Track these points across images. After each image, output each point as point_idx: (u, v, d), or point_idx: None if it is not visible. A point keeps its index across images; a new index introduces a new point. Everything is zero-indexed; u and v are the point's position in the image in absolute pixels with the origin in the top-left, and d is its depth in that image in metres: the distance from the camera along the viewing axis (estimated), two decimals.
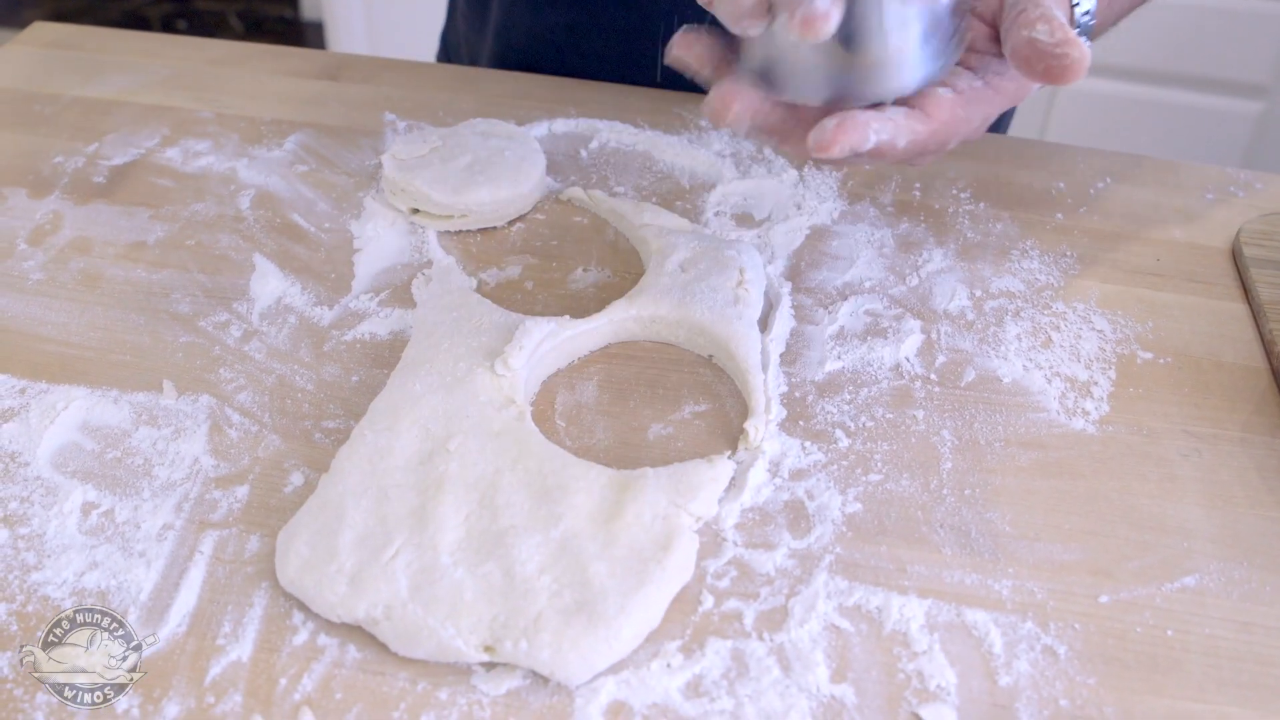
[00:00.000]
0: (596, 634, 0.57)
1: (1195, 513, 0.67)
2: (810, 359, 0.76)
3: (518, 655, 0.56)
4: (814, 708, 0.56)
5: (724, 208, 0.89)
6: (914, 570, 0.63)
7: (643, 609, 0.58)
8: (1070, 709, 0.57)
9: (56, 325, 0.76)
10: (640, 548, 0.60)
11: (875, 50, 0.61)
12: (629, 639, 0.57)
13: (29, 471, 0.66)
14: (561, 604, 0.58)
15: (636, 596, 0.58)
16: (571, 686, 0.56)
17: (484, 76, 1.04)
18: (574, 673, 0.56)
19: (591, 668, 0.56)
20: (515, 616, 0.57)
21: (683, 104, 0.98)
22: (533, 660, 0.56)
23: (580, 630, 0.57)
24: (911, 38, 0.61)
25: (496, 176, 0.84)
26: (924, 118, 0.65)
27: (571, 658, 0.56)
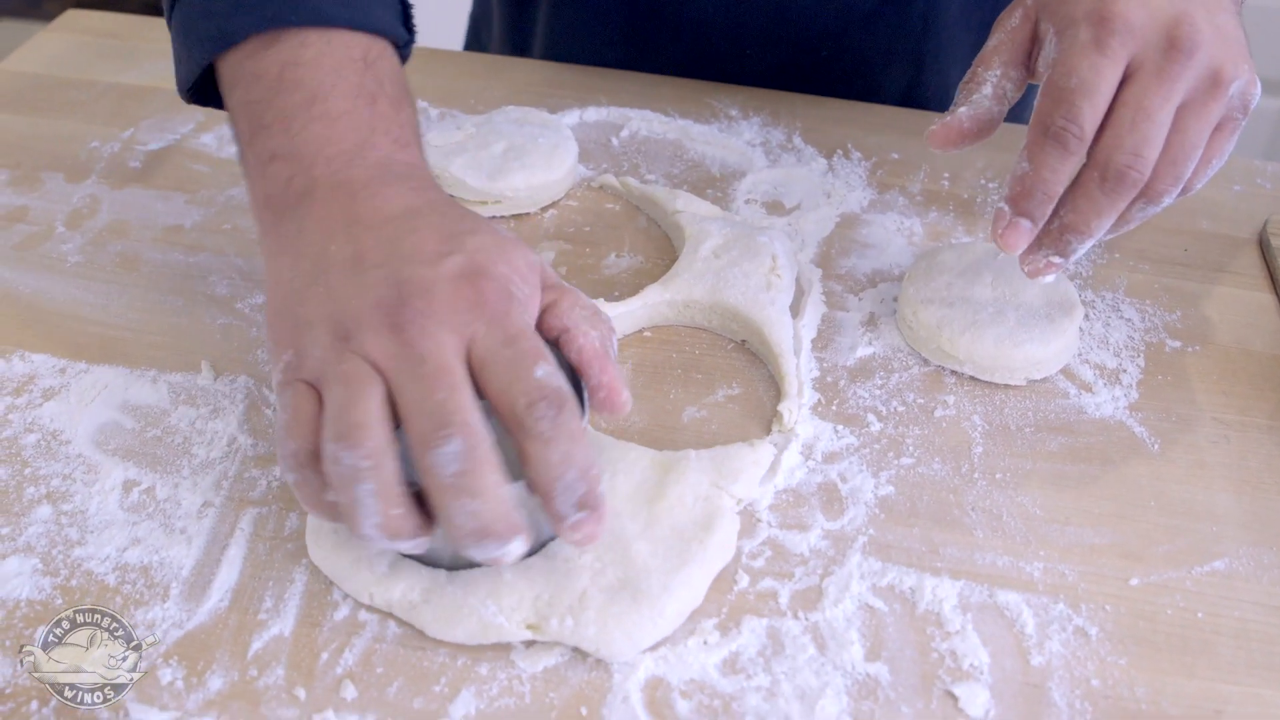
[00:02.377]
0: (641, 612, 0.57)
1: (1224, 498, 0.67)
2: (841, 344, 0.76)
3: (563, 633, 0.57)
4: (849, 685, 0.57)
5: (754, 196, 0.89)
6: (946, 552, 0.64)
7: (686, 587, 0.59)
8: (1102, 689, 0.57)
9: (95, 306, 0.77)
10: (682, 528, 0.61)
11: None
12: (673, 617, 0.58)
13: (70, 449, 0.67)
14: (605, 582, 0.58)
15: (679, 575, 0.59)
16: (616, 663, 0.57)
17: (516, 65, 1.05)
18: (619, 650, 0.57)
19: (636, 645, 0.57)
20: (559, 595, 0.58)
21: (713, 93, 0.99)
22: (578, 638, 0.57)
23: (625, 608, 0.57)
24: None
25: (530, 163, 0.85)
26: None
27: (616, 635, 0.57)
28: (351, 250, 0.58)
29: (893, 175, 0.92)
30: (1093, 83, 0.64)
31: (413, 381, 0.53)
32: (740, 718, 0.55)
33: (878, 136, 0.96)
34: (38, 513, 0.64)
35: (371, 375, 0.54)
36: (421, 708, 0.56)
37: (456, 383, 0.53)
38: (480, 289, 0.55)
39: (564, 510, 0.54)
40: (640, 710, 0.56)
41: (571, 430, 0.53)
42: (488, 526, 0.52)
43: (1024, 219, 0.66)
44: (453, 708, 0.56)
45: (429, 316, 0.54)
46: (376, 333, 0.54)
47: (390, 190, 0.60)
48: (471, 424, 0.52)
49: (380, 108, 0.64)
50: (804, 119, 0.97)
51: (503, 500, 0.52)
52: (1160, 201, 0.66)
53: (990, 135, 0.71)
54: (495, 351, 0.54)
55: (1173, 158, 0.65)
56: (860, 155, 0.93)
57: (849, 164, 0.92)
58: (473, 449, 0.52)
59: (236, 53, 0.64)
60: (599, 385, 0.57)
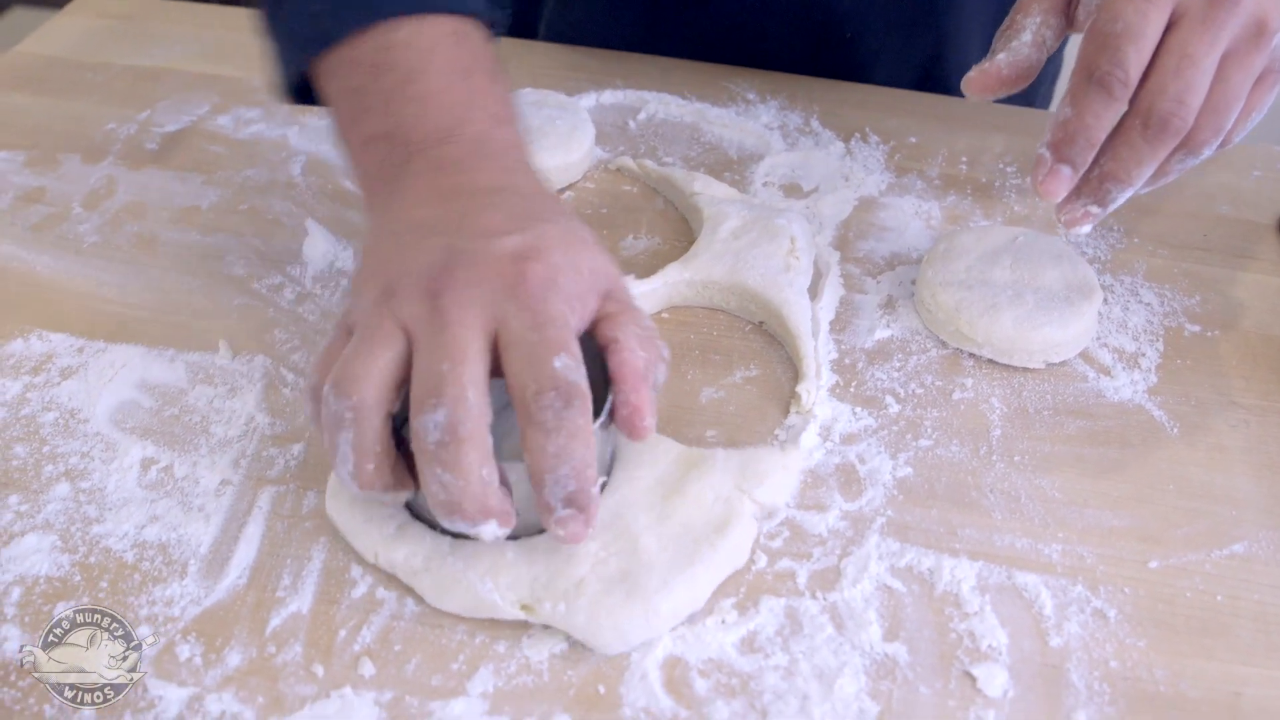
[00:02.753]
0: (634, 607, 0.56)
1: (1244, 482, 0.67)
2: (859, 327, 0.76)
3: (555, 617, 0.56)
4: (867, 665, 0.57)
5: (772, 178, 0.89)
6: (965, 533, 0.63)
7: (686, 588, 0.58)
8: (1120, 670, 0.57)
9: (113, 286, 0.77)
10: (694, 527, 0.60)
11: None
12: (667, 616, 0.57)
13: (89, 428, 0.67)
14: (605, 572, 0.58)
15: (682, 575, 0.58)
16: (604, 655, 0.57)
17: (532, 48, 1.05)
18: (607, 641, 0.56)
19: (625, 640, 0.56)
20: (556, 579, 0.57)
21: (730, 77, 0.99)
22: (568, 624, 0.56)
23: (619, 601, 0.56)
24: None
25: (548, 145, 0.85)
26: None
27: (605, 626, 0.56)
28: (428, 215, 0.59)
29: (911, 159, 0.92)
30: (1139, 28, 0.63)
31: (428, 347, 0.54)
32: (758, 696, 0.55)
33: (896, 120, 0.95)
34: (56, 490, 0.64)
35: (393, 333, 0.55)
36: (439, 685, 0.56)
37: (467, 356, 0.53)
38: (524, 270, 0.55)
39: (551, 502, 0.54)
40: (658, 689, 0.56)
41: (575, 426, 0.53)
42: (457, 502, 0.53)
43: (1065, 165, 0.66)
44: (470, 685, 0.56)
45: (466, 288, 0.55)
46: (414, 294, 0.55)
47: (481, 165, 0.61)
48: (465, 398, 0.52)
49: (476, 82, 0.64)
50: (821, 102, 0.97)
51: (477, 480, 0.53)
52: (1200, 153, 0.66)
53: (1027, 84, 0.71)
54: (521, 334, 0.54)
55: (1215, 106, 0.64)
56: (878, 139, 0.93)
57: (867, 147, 0.92)
58: (458, 423, 0.52)
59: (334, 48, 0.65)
60: (625, 403, 0.56)
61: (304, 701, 0.55)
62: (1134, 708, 0.56)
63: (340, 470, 0.55)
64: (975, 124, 0.96)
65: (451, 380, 0.52)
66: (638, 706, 0.55)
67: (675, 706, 0.55)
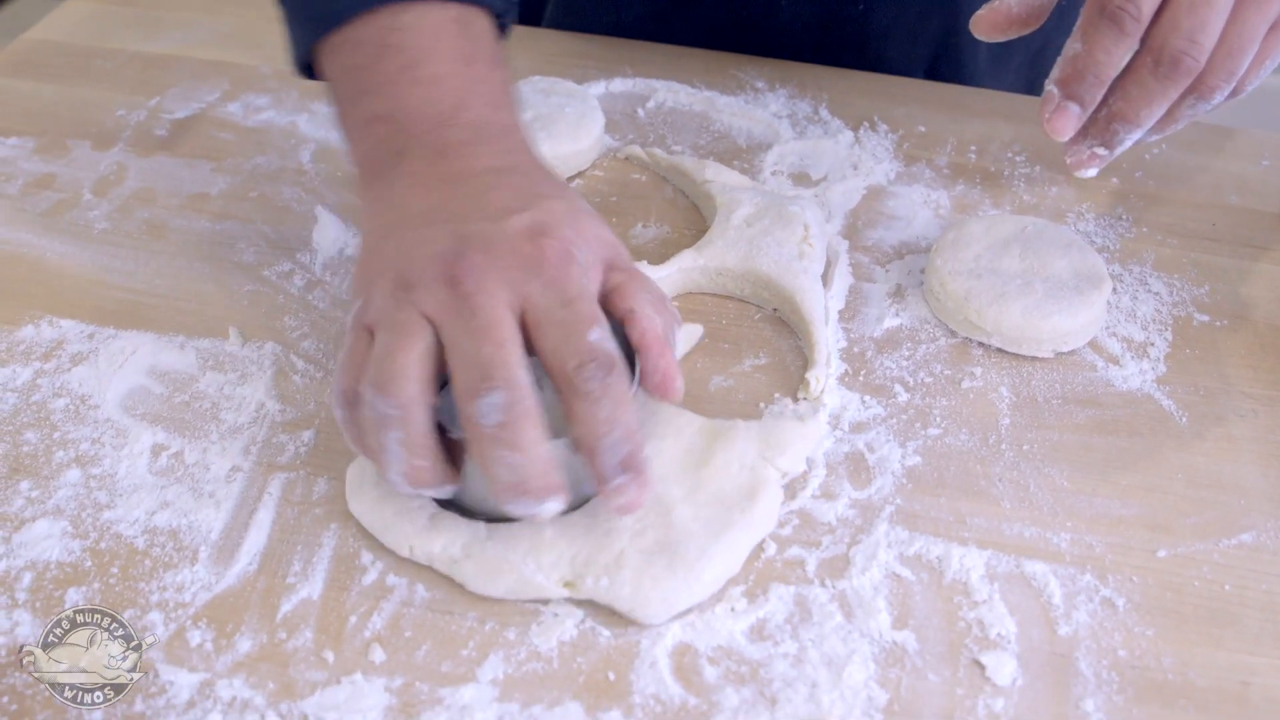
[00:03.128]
0: (677, 576, 0.57)
1: (1252, 471, 0.67)
2: (868, 315, 0.76)
3: (598, 591, 0.57)
4: (876, 653, 0.57)
5: (781, 167, 0.89)
6: (974, 522, 0.63)
7: (725, 554, 0.59)
8: (1129, 659, 0.57)
9: (123, 273, 0.77)
10: (725, 495, 0.61)
11: None
12: (709, 583, 0.58)
13: (99, 414, 0.68)
14: (644, 544, 0.58)
15: (719, 542, 0.59)
16: (649, 624, 0.57)
17: (542, 36, 1.05)
18: (653, 612, 0.57)
19: (670, 608, 0.57)
20: (597, 554, 0.58)
21: (739, 65, 0.99)
22: (613, 597, 0.57)
23: (662, 570, 0.57)
24: None
25: (557, 133, 0.85)
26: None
27: (652, 597, 0.57)
28: (430, 203, 0.59)
29: (919, 148, 0.92)
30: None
31: (463, 334, 0.54)
32: (767, 684, 0.56)
33: (904, 109, 0.95)
34: (67, 476, 0.64)
35: (420, 325, 0.55)
36: (449, 671, 0.56)
37: (505, 337, 0.54)
38: (541, 248, 0.56)
39: (607, 470, 0.54)
40: (668, 676, 0.56)
41: (619, 393, 0.54)
42: (525, 481, 0.53)
43: (1073, 103, 0.65)
44: (480, 672, 0.56)
45: (486, 270, 0.55)
46: (433, 283, 0.55)
47: (480, 149, 0.61)
48: (516, 378, 0.53)
49: (476, 70, 0.64)
50: (830, 91, 0.96)
51: (541, 457, 0.53)
52: (1212, 98, 0.65)
53: (1039, 24, 0.69)
54: (550, 311, 0.55)
55: (1229, 49, 0.63)
56: (887, 128, 0.93)
57: (876, 136, 0.92)
58: (515, 402, 0.53)
59: (340, 27, 0.65)
60: (655, 370, 0.57)
61: (314, 687, 0.55)
62: (1142, 696, 0.56)
63: (391, 472, 0.56)
64: (984, 113, 0.96)
65: (499, 362, 0.53)
66: (647, 694, 0.55)
67: (685, 694, 0.55)
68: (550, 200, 0.59)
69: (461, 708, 0.54)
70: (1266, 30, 0.64)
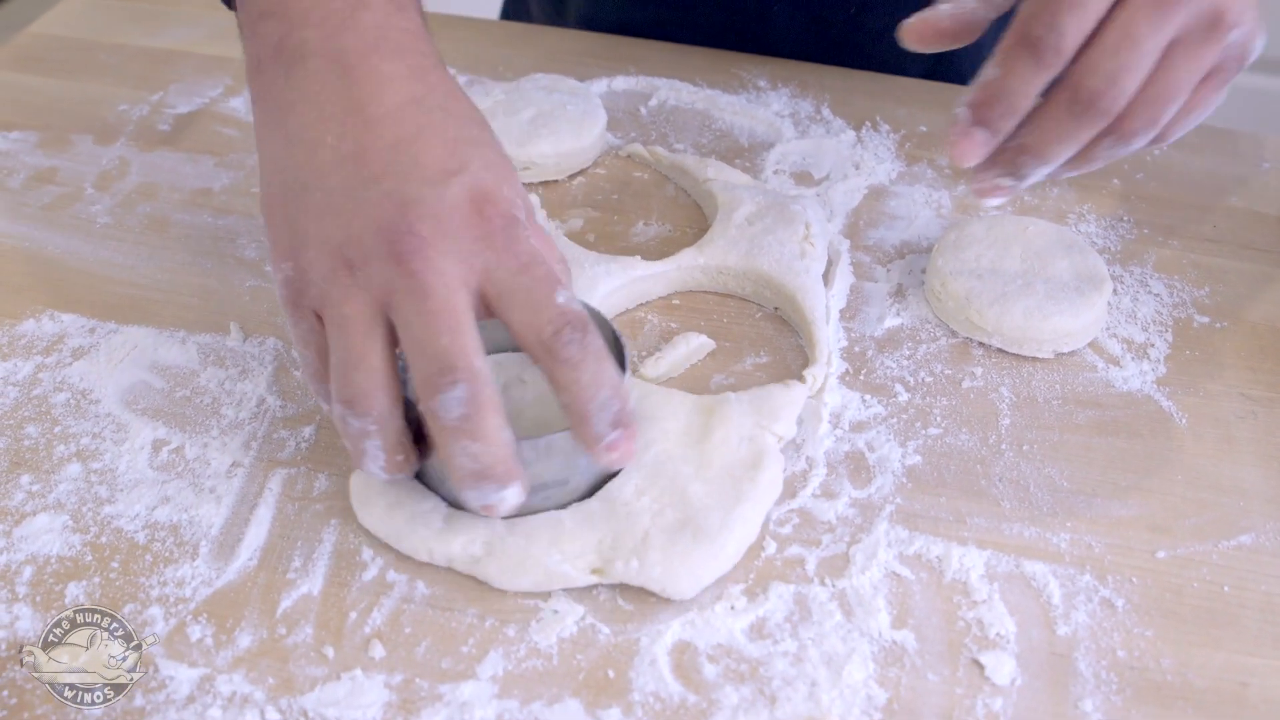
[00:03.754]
0: (703, 549, 0.58)
1: (1252, 473, 0.67)
2: (869, 315, 0.76)
3: (628, 574, 0.58)
4: (875, 652, 0.57)
5: (783, 166, 0.89)
6: (973, 522, 0.64)
7: (743, 524, 0.60)
8: (1128, 660, 0.58)
9: (125, 267, 0.78)
10: (731, 467, 0.62)
11: None
12: (733, 553, 0.60)
13: (100, 408, 0.68)
14: (665, 523, 0.59)
15: (736, 512, 0.60)
16: (682, 599, 0.58)
17: (544, 34, 1.05)
18: (684, 587, 0.58)
19: (699, 581, 0.58)
20: (623, 537, 0.59)
21: (741, 64, 0.99)
22: (644, 578, 0.58)
23: (687, 546, 0.58)
24: None
25: (559, 130, 0.85)
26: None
27: (681, 572, 0.58)
28: (351, 149, 0.56)
29: (921, 148, 0.92)
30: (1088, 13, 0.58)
31: (417, 318, 0.53)
32: (767, 682, 0.56)
33: (906, 109, 0.95)
34: (67, 470, 0.64)
35: (373, 318, 0.54)
36: (449, 668, 0.56)
37: (460, 323, 0.53)
38: (487, 216, 0.55)
39: (600, 430, 0.54)
40: (667, 673, 0.56)
41: (598, 350, 0.54)
42: (488, 469, 0.53)
43: (981, 129, 0.61)
44: (480, 668, 0.56)
45: (434, 246, 0.54)
46: (379, 262, 0.54)
47: (389, 69, 0.58)
48: (475, 368, 0.53)
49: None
50: (832, 91, 0.96)
51: (503, 444, 0.53)
52: (1130, 142, 0.61)
53: (970, 40, 0.65)
54: (509, 282, 0.54)
55: (1152, 96, 0.59)
56: (889, 127, 0.93)
57: (877, 136, 0.92)
58: (476, 394, 0.53)
59: None
60: None
61: (314, 683, 0.55)
62: (1141, 697, 0.56)
63: (369, 467, 0.57)
64: None
65: (457, 351, 0.53)
66: (647, 691, 0.55)
67: (684, 691, 0.55)
68: (479, 149, 0.57)
69: (461, 704, 0.54)
70: (1199, 81, 0.61)
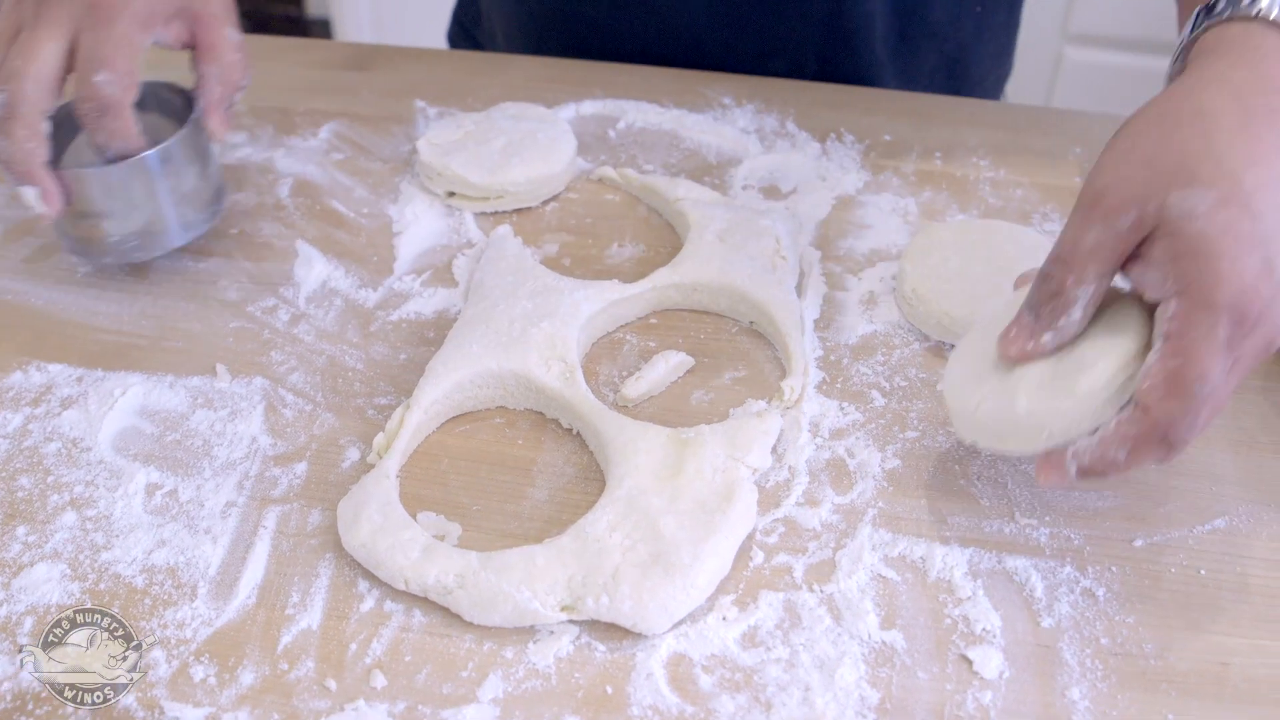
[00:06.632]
0: (674, 583, 0.59)
1: (1221, 458, 0.69)
2: (843, 323, 0.78)
3: (599, 611, 0.58)
4: (866, 653, 0.59)
5: (751, 181, 0.90)
6: (954, 521, 0.65)
7: (714, 556, 0.61)
8: (1111, 647, 0.59)
9: (108, 315, 0.79)
10: (704, 500, 0.63)
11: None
12: (704, 586, 0.60)
13: (91, 456, 0.69)
14: (636, 558, 0.60)
15: (707, 545, 0.61)
16: (652, 635, 0.59)
17: (511, 62, 1.06)
18: (655, 623, 0.58)
19: (671, 616, 0.59)
20: (593, 574, 0.59)
21: (707, 83, 1.00)
22: (615, 614, 0.58)
23: (658, 580, 0.59)
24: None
25: (530, 158, 0.86)
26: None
27: (652, 608, 0.58)
28: None
29: (886, 156, 0.93)
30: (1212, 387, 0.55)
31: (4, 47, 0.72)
32: (762, 689, 0.57)
33: (869, 119, 0.97)
34: (63, 519, 0.65)
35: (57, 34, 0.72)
36: (450, 693, 0.57)
37: (36, 54, 0.70)
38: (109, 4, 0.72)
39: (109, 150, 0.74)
40: (664, 686, 0.57)
41: (111, 128, 0.73)
42: (10, 160, 0.72)
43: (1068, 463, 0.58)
44: (481, 692, 0.57)
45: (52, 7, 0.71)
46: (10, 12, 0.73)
47: None
48: (22, 89, 0.70)
49: None
50: (796, 105, 0.98)
51: (23, 147, 0.71)
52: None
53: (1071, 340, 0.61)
54: (82, 51, 0.71)
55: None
56: (853, 138, 0.94)
57: (842, 147, 0.94)
58: (14, 104, 0.70)
59: None
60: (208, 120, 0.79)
61: (319, 716, 0.56)
62: (1126, 683, 0.58)
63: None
64: (947, 120, 0.97)
65: (14, 71, 0.70)
66: (645, 705, 0.57)
67: (681, 703, 0.57)
68: None
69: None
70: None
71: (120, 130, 0.73)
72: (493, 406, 0.72)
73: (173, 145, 0.76)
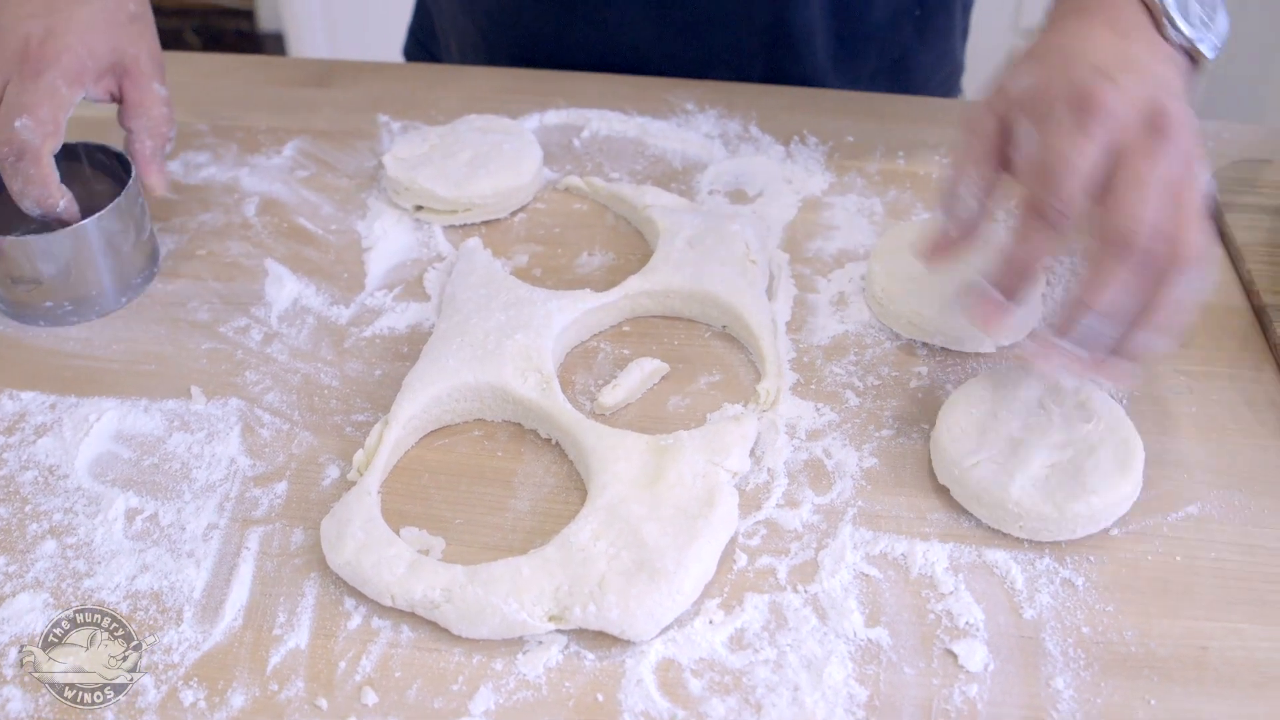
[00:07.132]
0: (660, 589, 0.59)
1: (1192, 446, 0.70)
2: (814, 325, 0.78)
3: (586, 619, 0.59)
4: (852, 651, 0.59)
5: (717, 186, 0.91)
6: (933, 517, 0.66)
7: (698, 562, 0.61)
8: (1093, 635, 0.60)
9: (78, 340, 0.78)
10: (685, 505, 0.63)
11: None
12: (690, 591, 0.60)
13: (69, 483, 0.68)
14: (621, 565, 0.60)
15: (691, 550, 0.61)
16: (640, 642, 0.59)
17: (473, 74, 1.06)
18: (642, 629, 0.59)
19: (658, 622, 0.59)
20: (579, 583, 0.60)
21: (669, 89, 1.01)
22: (602, 621, 0.59)
23: (644, 588, 0.59)
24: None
25: (496, 169, 0.86)
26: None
27: (639, 615, 0.59)
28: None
29: (849, 157, 0.94)
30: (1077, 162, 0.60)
31: None
32: (751, 691, 0.58)
33: (832, 121, 0.97)
34: (43, 548, 0.65)
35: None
36: (442, 707, 0.57)
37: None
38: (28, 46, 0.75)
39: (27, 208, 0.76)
40: (654, 692, 0.58)
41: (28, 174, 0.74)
42: None
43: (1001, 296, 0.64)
44: (472, 705, 0.57)
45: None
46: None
47: None
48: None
49: None
50: (759, 109, 0.99)
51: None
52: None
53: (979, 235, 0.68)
54: (6, 100, 0.73)
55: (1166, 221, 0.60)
56: (816, 140, 0.95)
57: (806, 149, 0.94)
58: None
59: None
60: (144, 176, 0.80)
61: None
62: (1108, 670, 0.59)
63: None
64: (908, 119, 0.98)
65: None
66: (636, 711, 0.57)
67: (672, 708, 0.57)
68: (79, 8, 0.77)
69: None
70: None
71: (37, 177, 0.74)
72: (471, 419, 0.72)
73: (109, 213, 0.77)
